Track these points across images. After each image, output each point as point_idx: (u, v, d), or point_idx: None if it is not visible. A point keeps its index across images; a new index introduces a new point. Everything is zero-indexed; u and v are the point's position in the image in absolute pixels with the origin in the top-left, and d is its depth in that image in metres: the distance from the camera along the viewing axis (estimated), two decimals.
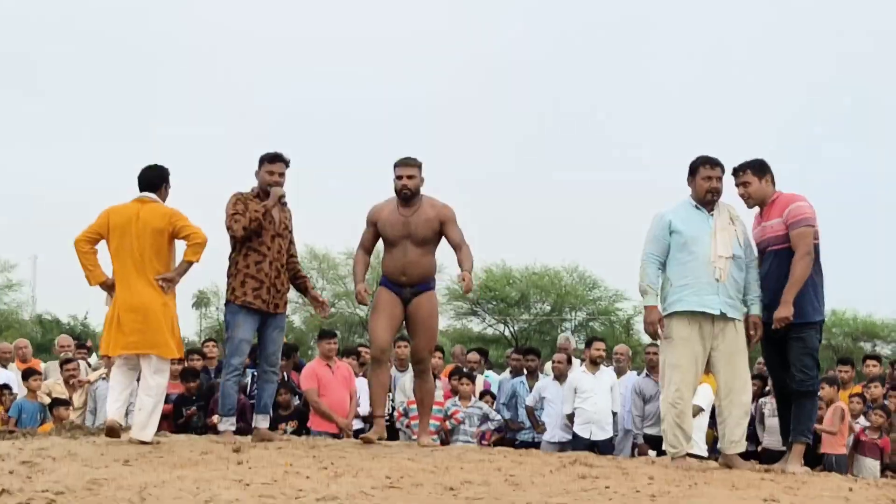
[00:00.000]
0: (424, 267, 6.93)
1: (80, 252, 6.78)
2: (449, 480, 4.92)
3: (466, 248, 6.91)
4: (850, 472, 8.22)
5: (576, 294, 37.36)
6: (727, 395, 6.12)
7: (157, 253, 6.70)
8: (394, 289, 6.92)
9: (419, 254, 6.85)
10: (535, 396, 9.85)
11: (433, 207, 6.88)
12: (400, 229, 6.81)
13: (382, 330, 6.91)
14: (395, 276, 6.89)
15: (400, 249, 6.84)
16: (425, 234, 6.83)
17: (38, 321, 38.44)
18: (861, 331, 37.01)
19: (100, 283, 6.81)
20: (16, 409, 9.27)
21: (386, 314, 6.91)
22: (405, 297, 6.91)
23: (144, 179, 6.93)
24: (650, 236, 6.22)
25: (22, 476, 4.81)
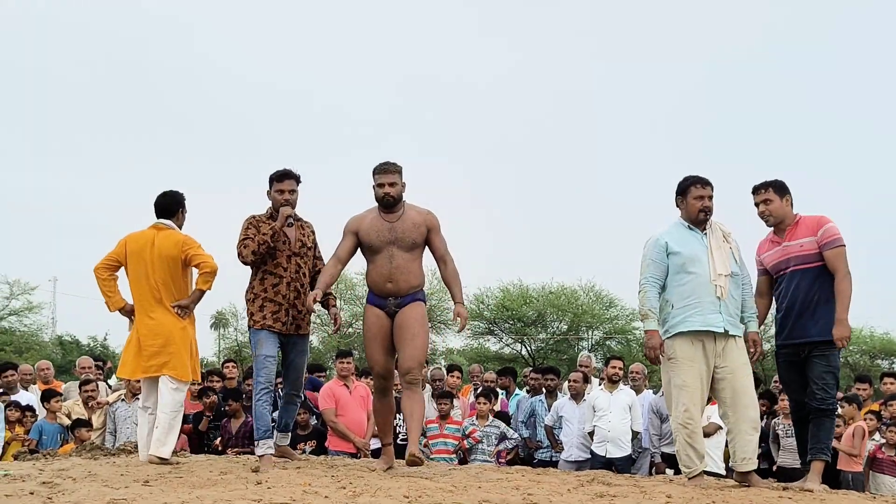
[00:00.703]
0: (412, 273, 6.48)
1: (100, 279, 7.01)
2: (467, 500, 4.93)
3: (452, 263, 6.61)
4: (867, 490, 8.20)
5: (593, 313, 37.26)
6: (734, 412, 6.11)
7: (173, 279, 6.93)
8: (379, 303, 6.50)
9: (407, 259, 6.45)
10: (553, 416, 9.85)
11: (419, 213, 6.55)
12: (385, 235, 6.43)
13: (380, 355, 6.54)
14: (380, 285, 6.47)
15: (385, 256, 6.43)
16: (413, 239, 6.46)
17: (58, 343, 38.63)
18: (879, 348, 36.76)
19: (119, 309, 7.03)
20: (36, 430, 9.34)
21: (379, 337, 6.51)
22: (390, 312, 6.48)
23: (160, 206, 7.11)
24: (648, 261, 6.21)
25: (42, 497, 4.85)
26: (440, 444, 9.32)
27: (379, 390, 6.70)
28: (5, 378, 10.17)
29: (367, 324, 6.58)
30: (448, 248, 6.62)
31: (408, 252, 6.44)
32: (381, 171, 6.50)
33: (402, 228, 6.43)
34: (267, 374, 6.62)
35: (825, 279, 6.20)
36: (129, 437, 8.93)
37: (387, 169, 6.51)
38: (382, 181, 6.47)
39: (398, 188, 6.48)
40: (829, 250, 6.18)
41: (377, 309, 6.50)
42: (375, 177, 6.51)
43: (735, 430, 6.13)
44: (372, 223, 6.48)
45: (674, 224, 6.31)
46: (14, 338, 35.54)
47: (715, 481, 6.42)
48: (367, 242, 6.48)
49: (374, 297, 6.52)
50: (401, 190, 6.51)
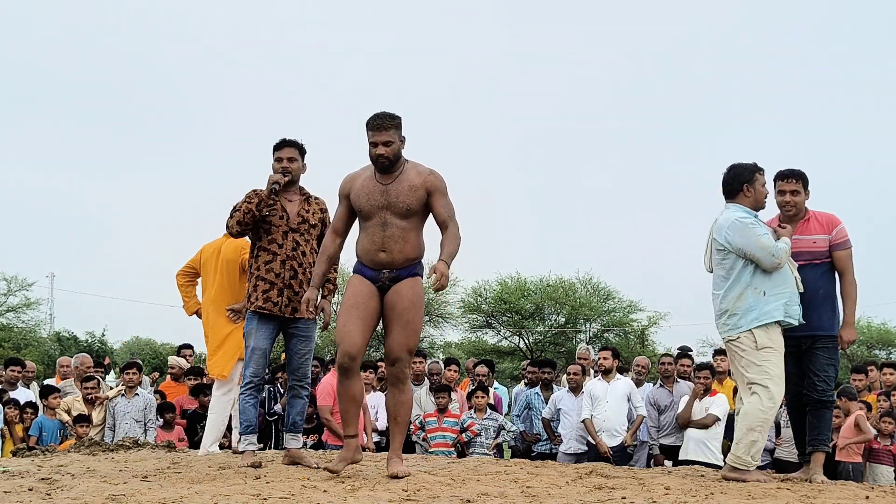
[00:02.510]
0: (409, 244, 5.62)
1: (178, 285, 7.61)
2: (465, 493, 4.94)
3: (454, 228, 5.64)
4: (865, 480, 8.25)
5: (590, 306, 37.27)
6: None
7: (231, 284, 7.24)
8: (369, 274, 5.66)
9: (402, 227, 5.60)
10: (551, 408, 9.87)
11: (419, 174, 5.65)
12: (378, 198, 5.59)
13: (353, 331, 5.57)
14: (371, 255, 5.63)
15: (378, 222, 5.59)
16: (409, 204, 5.58)
17: (56, 339, 38.62)
18: (876, 339, 36.88)
19: (194, 313, 7.56)
20: (36, 427, 9.36)
21: (360, 308, 5.61)
22: (383, 286, 5.64)
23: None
24: (761, 231, 6.02)
25: (41, 493, 4.85)
26: (439, 437, 9.34)
27: (343, 371, 5.66)
28: (10, 373, 10.21)
29: (350, 290, 5.68)
30: (454, 215, 5.69)
31: (403, 219, 5.59)
32: (374, 128, 5.60)
33: (397, 192, 5.59)
34: (254, 368, 6.30)
35: (830, 276, 6.30)
36: (128, 433, 8.95)
37: (381, 125, 5.59)
38: (376, 139, 5.59)
39: (395, 147, 5.61)
40: (840, 251, 6.28)
41: (367, 280, 5.68)
42: (368, 133, 5.63)
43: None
44: (364, 184, 5.67)
45: (742, 209, 6.18)
46: (12, 334, 35.54)
47: (714, 473, 6.43)
48: (358, 206, 5.69)
49: (365, 269, 5.70)
50: (398, 148, 5.64)
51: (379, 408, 9.57)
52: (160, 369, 11.79)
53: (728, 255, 6.05)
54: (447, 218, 5.64)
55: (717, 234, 6.12)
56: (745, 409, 5.95)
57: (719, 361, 9.88)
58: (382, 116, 5.61)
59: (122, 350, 42.06)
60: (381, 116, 5.61)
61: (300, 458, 6.39)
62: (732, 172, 6.23)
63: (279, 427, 9.75)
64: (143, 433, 9.26)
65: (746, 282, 6.02)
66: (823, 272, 6.26)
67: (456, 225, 5.66)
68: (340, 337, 5.61)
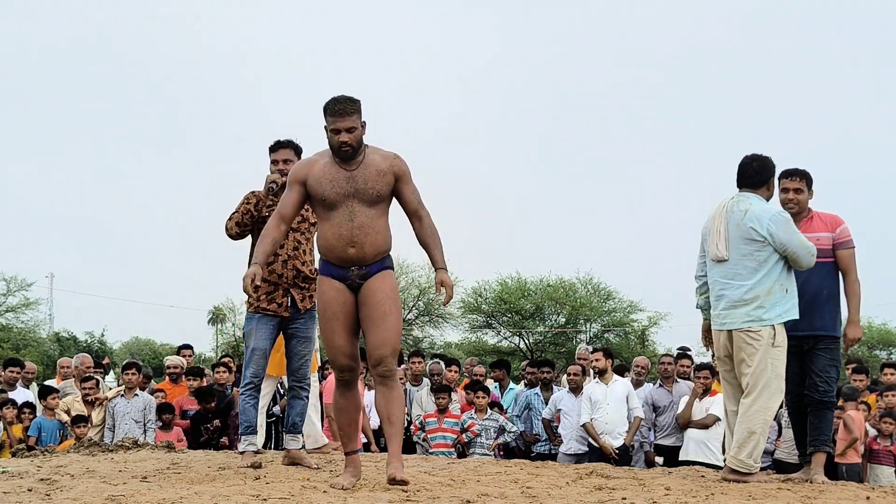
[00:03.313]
0: (379, 235, 5.23)
1: None
2: (466, 493, 4.93)
3: (429, 218, 5.34)
4: (865, 481, 8.24)
5: (590, 306, 37.32)
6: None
7: None
8: (338, 275, 5.26)
9: (371, 217, 5.19)
10: (551, 409, 9.87)
11: (384, 158, 5.26)
12: (343, 186, 5.15)
13: (343, 339, 5.29)
14: (339, 251, 5.20)
15: (344, 213, 5.16)
16: (379, 190, 5.19)
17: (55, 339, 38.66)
18: (877, 339, 36.92)
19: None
20: (35, 427, 9.35)
21: (341, 316, 5.26)
22: (353, 285, 5.26)
23: None
24: (795, 227, 6.05)
25: (41, 493, 4.84)
26: (439, 438, 9.34)
27: (343, 384, 5.41)
28: (9, 373, 10.20)
29: (324, 301, 5.30)
30: (423, 201, 5.37)
31: (372, 207, 5.19)
32: (335, 113, 5.16)
33: (365, 177, 5.17)
34: (254, 369, 6.30)
35: (833, 276, 6.26)
36: (128, 433, 8.94)
37: (343, 110, 5.16)
38: (338, 126, 5.15)
39: (358, 133, 5.19)
40: (843, 250, 6.26)
41: (336, 282, 5.27)
42: (328, 119, 5.19)
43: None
44: (325, 171, 5.22)
45: (765, 202, 6.17)
46: (11, 334, 35.60)
47: (714, 473, 6.42)
48: (320, 195, 5.22)
49: (332, 267, 5.28)
50: (361, 134, 5.22)
51: (371, 407, 9.57)
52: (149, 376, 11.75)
53: (765, 247, 5.94)
54: (418, 205, 5.33)
55: (754, 223, 5.96)
56: (746, 409, 5.88)
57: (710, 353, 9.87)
58: (343, 101, 5.17)
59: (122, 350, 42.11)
60: (342, 101, 5.17)
61: (300, 458, 6.37)
62: (762, 163, 6.17)
63: (279, 428, 9.75)
64: (143, 434, 9.25)
65: (775, 277, 5.96)
66: (827, 272, 6.22)
67: (427, 213, 5.35)
68: (332, 354, 5.33)
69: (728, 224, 6.04)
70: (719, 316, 6.07)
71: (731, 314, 5.99)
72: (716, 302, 6.11)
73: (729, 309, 6.00)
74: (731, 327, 6.00)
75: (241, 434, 6.44)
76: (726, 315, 6.02)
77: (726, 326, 6.03)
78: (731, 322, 6.00)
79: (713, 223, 6.12)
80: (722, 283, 6.05)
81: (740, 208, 6.05)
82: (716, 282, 6.10)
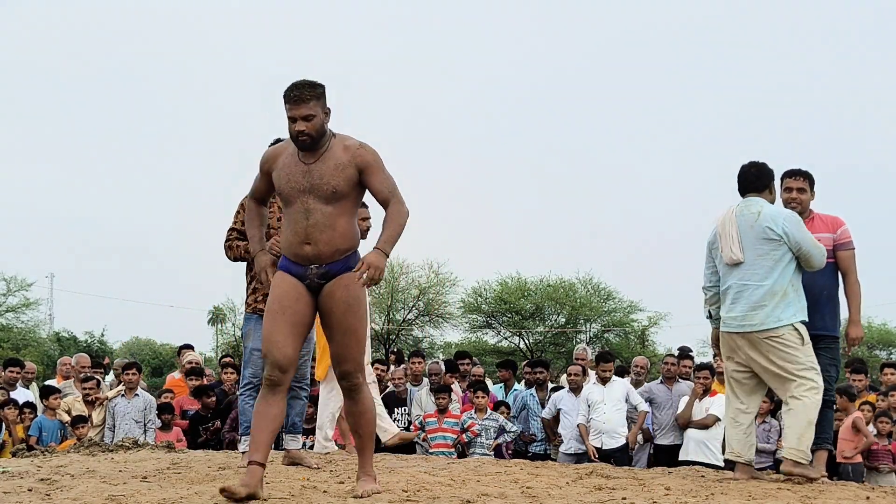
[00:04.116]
0: (337, 233, 4.82)
1: None
2: (466, 493, 4.93)
3: (398, 204, 4.88)
4: (866, 481, 8.26)
5: (590, 306, 37.33)
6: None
7: None
8: (295, 271, 4.90)
9: (328, 214, 4.79)
10: (551, 408, 9.87)
11: (347, 149, 4.84)
12: (299, 181, 4.79)
13: (281, 340, 4.81)
14: (295, 247, 4.85)
15: (300, 209, 4.80)
16: (335, 186, 4.77)
17: (55, 339, 38.67)
18: (877, 339, 36.91)
19: None
20: (35, 427, 9.36)
21: (288, 312, 4.85)
22: (312, 285, 4.88)
23: None
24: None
25: (41, 493, 4.85)
26: (439, 438, 9.33)
27: (271, 385, 4.83)
28: (9, 374, 10.20)
29: (275, 293, 4.89)
30: (396, 189, 4.92)
31: (329, 204, 4.79)
32: (291, 100, 4.79)
33: (321, 172, 4.78)
34: (253, 368, 6.26)
35: (834, 276, 6.29)
36: (128, 433, 8.94)
37: (299, 96, 4.77)
38: (294, 113, 4.77)
39: (318, 121, 4.79)
40: (844, 251, 6.29)
41: (294, 278, 4.91)
42: (285, 106, 4.83)
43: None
44: (286, 163, 4.89)
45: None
46: (11, 334, 35.60)
47: (714, 473, 6.42)
48: (278, 188, 4.94)
49: (291, 265, 4.92)
50: (322, 122, 4.81)
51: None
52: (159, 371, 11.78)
53: (780, 246, 5.95)
54: (388, 193, 4.87)
55: (769, 222, 5.97)
56: (806, 403, 5.84)
57: (720, 362, 9.87)
58: (301, 86, 4.78)
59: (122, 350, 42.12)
60: (300, 86, 4.78)
61: (300, 458, 6.38)
62: (760, 168, 6.21)
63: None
64: (143, 434, 9.25)
65: (789, 276, 5.99)
66: (828, 272, 6.22)
67: (399, 200, 4.90)
68: (267, 348, 4.84)
69: (740, 227, 6.04)
70: (737, 318, 6.02)
71: (752, 316, 5.95)
72: (732, 305, 6.06)
73: (749, 311, 5.97)
74: (753, 329, 5.95)
75: (240, 434, 6.44)
76: (745, 317, 5.98)
77: (745, 329, 5.98)
78: (751, 324, 5.96)
79: (723, 229, 6.11)
80: (739, 285, 6.02)
81: (751, 210, 6.06)
82: (732, 285, 6.06)
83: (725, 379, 6.32)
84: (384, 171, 4.89)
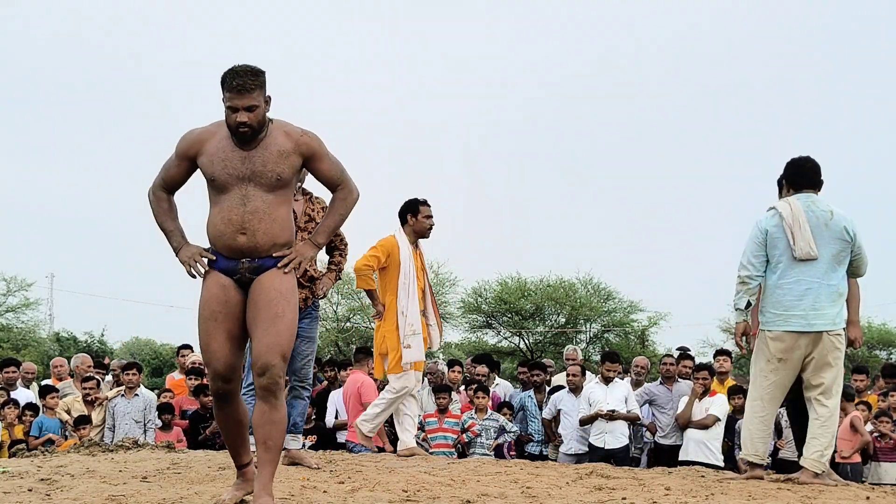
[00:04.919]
0: (276, 223, 4.49)
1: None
2: (466, 493, 4.93)
3: (346, 191, 4.69)
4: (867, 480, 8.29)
5: (590, 306, 37.28)
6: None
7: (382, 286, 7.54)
8: (227, 267, 4.52)
9: (269, 203, 4.46)
10: (551, 409, 9.89)
11: (289, 136, 4.55)
12: (238, 167, 4.45)
13: (219, 349, 4.47)
14: (227, 238, 4.47)
15: (236, 197, 4.44)
16: (280, 173, 4.47)
17: (55, 339, 38.64)
18: (877, 339, 36.86)
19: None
20: (36, 427, 9.35)
21: (218, 322, 4.48)
22: (243, 280, 4.52)
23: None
24: None
25: (41, 493, 4.85)
26: (439, 438, 9.33)
27: (220, 397, 4.56)
28: (6, 374, 10.19)
29: (205, 296, 4.53)
30: (345, 171, 4.71)
31: (270, 192, 4.48)
32: (233, 89, 4.43)
33: (264, 159, 4.47)
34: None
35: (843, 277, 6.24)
36: (128, 433, 8.95)
37: (242, 85, 4.42)
38: (235, 104, 4.42)
39: (261, 111, 4.47)
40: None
41: (223, 276, 4.52)
42: (225, 94, 4.47)
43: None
44: (220, 148, 4.51)
45: None
46: (11, 334, 35.58)
47: (714, 473, 6.42)
48: (210, 175, 4.52)
49: (221, 259, 4.54)
50: (263, 111, 4.50)
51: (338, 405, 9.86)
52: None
53: (848, 248, 6.01)
54: (337, 176, 4.66)
55: (846, 223, 6.00)
56: (834, 415, 5.89)
57: (721, 362, 9.91)
58: (243, 73, 4.43)
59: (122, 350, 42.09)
60: (242, 73, 4.43)
61: (300, 458, 6.36)
62: (816, 165, 6.21)
63: None
64: (143, 434, 9.25)
65: (845, 278, 6.07)
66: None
67: (348, 186, 4.69)
68: (207, 359, 4.53)
69: (810, 223, 5.97)
70: (805, 316, 5.94)
71: (822, 315, 5.91)
72: (796, 301, 5.96)
73: (819, 310, 5.92)
74: (822, 328, 5.91)
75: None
76: (815, 316, 5.92)
77: (815, 328, 5.92)
78: (820, 323, 5.91)
79: (795, 222, 5.98)
80: (809, 281, 5.95)
81: (822, 209, 6.03)
82: (800, 280, 5.97)
83: (761, 381, 6.11)
84: (330, 156, 4.66)
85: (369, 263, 7.40)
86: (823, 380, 5.91)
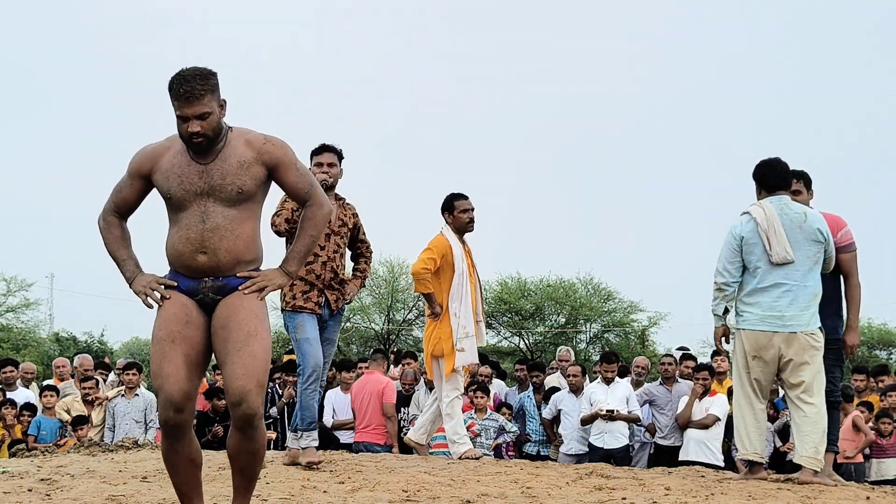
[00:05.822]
0: (240, 240, 4.08)
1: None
2: (466, 493, 4.94)
3: (316, 207, 4.22)
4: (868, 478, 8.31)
5: (590, 306, 37.28)
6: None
7: (436, 288, 7.39)
8: (186, 286, 4.12)
9: (230, 219, 4.05)
10: (551, 409, 9.90)
11: (250, 144, 4.12)
12: (195, 182, 4.03)
13: (174, 374, 3.99)
14: (186, 258, 4.07)
15: (195, 214, 4.04)
16: (241, 185, 4.05)
17: (55, 339, 38.63)
18: (877, 339, 36.86)
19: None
20: (35, 426, 9.34)
21: (175, 344, 4.04)
22: (205, 300, 4.11)
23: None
24: None
25: (41, 493, 4.85)
26: (439, 437, 9.31)
27: (170, 430, 4.02)
28: (4, 374, 10.18)
29: (163, 316, 4.11)
30: (315, 183, 4.27)
31: (232, 207, 4.06)
32: (181, 97, 3.99)
33: (223, 172, 4.05)
34: (314, 359, 6.16)
35: (835, 278, 6.28)
36: (128, 433, 8.94)
37: (191, 92, 3.97)
38: (185, 112, 3.99)
39: (214, 118, 4.04)
40: (845, 253, 6.25)
41: (183, 296, 4.12)
42: (174, 103, 4.03)
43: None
44: (174, 163, 4.10)
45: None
46: (11, 334, 35.56)
47: (714, 473, 6.42)
48: (166, 192, 4.12)
49: (180, 278, 4.14)
50: (217, 118, 4.06)
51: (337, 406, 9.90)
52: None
53: (822, 249, 6.04)
54: (305, 190, 4.20)
55: (819, 224, 6.03)
56: (820, 411, 5.89)
57: (720, 362, 9.90)
58: (191, 78, 3.98)
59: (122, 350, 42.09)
60: (190, 78, 3.98)
61: (314, 457, 6.30)
62: (786, 166, 6.21)
63: (278, 428, 9.78)
64: (143, 433, 9.25)
65: (819, 279, 6.08)
66: (831, 275, 6.23)
67: (318, 201, 4.22)
68: (159, 384, 4.03)
69: (785, 226, 5.99)
70: (781, 317, 5.96)
71: (797, 316, 5.94)
72: (775, 303, 5.99)
73: (795, 311, 5.95)
74: (799, 329, 5.93)
75: (301, 429, 6.34)
76: (791, 317, 5.95)
77: (790, 328, 5.94)
78: (797, 324, 5.94)
79: (770, 226, 5.99)
80: (788, 284, 5.97)
81: (795, 210, 6.05)
82: (779, 284, 5.99)
83: (742, 379, 6.13)
84: (298, 166, 4.19)
85: (427, 266, 7.21)
86: (803, 378, 5.92)
